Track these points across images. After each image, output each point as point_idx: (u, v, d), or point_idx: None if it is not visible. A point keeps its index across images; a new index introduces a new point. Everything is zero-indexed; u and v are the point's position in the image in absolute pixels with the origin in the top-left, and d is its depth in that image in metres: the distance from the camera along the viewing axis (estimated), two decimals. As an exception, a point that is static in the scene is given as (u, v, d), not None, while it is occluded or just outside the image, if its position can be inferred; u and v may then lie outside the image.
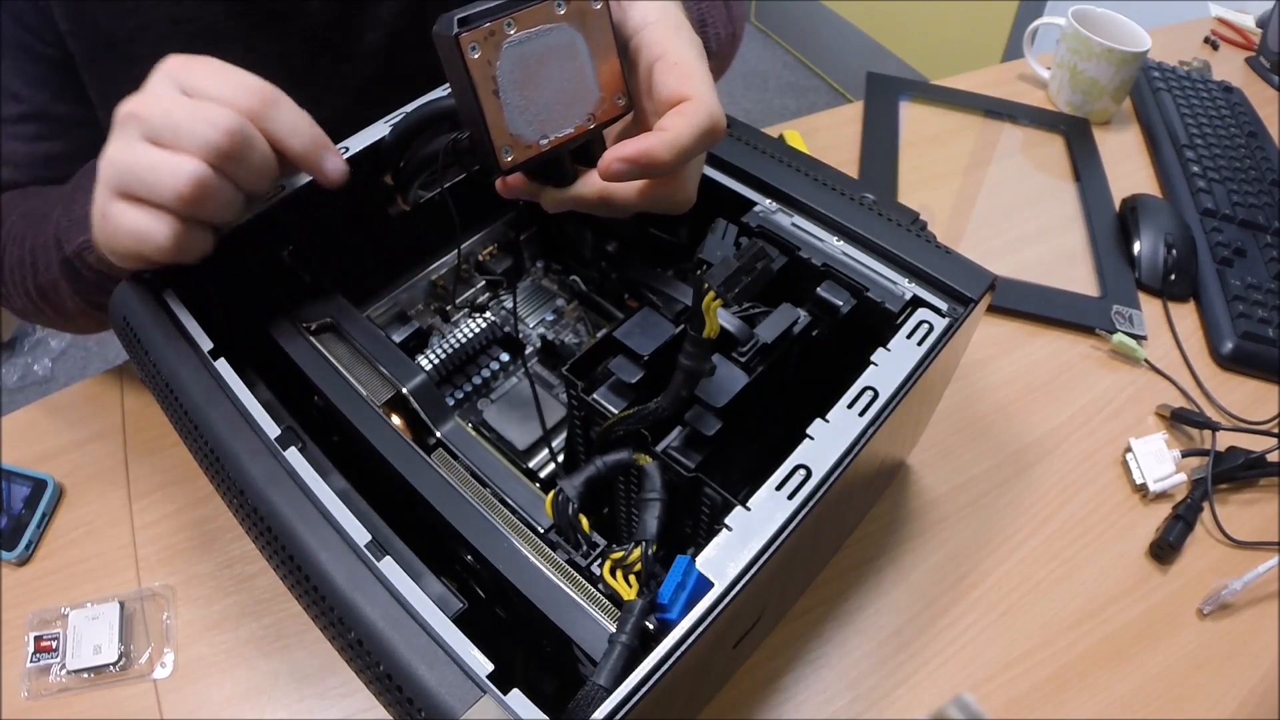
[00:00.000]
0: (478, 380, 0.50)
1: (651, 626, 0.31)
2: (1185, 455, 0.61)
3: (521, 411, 0.50)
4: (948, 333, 0.40)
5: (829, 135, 0.89)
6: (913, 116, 0.93)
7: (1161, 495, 0.60)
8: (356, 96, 0.62)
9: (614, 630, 0.30)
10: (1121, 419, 0.65)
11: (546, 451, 0.47)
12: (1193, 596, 0.55)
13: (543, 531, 0.36)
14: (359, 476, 0.37)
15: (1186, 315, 0.74)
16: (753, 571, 0.31)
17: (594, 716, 0.28)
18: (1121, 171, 0.89)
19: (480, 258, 0.56)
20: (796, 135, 0.87)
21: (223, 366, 0.39)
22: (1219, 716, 0.50)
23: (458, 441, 0.39)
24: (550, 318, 0.56)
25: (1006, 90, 0.98)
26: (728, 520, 0.33)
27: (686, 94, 0.35)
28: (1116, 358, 0.69)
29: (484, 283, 0.56)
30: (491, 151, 0.35)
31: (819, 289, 0.43)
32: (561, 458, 0.47)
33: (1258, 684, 0.51)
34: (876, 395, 0.37)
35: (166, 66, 0.36)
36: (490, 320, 0.51)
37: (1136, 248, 0.77)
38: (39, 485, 0.56)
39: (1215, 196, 0.83)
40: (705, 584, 0.31)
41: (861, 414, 0.36)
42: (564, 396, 0.50)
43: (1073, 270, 0.76)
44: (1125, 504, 0.60)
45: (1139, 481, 0.60)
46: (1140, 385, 0.67)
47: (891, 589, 0.54)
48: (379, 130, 0.47)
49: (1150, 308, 0.73)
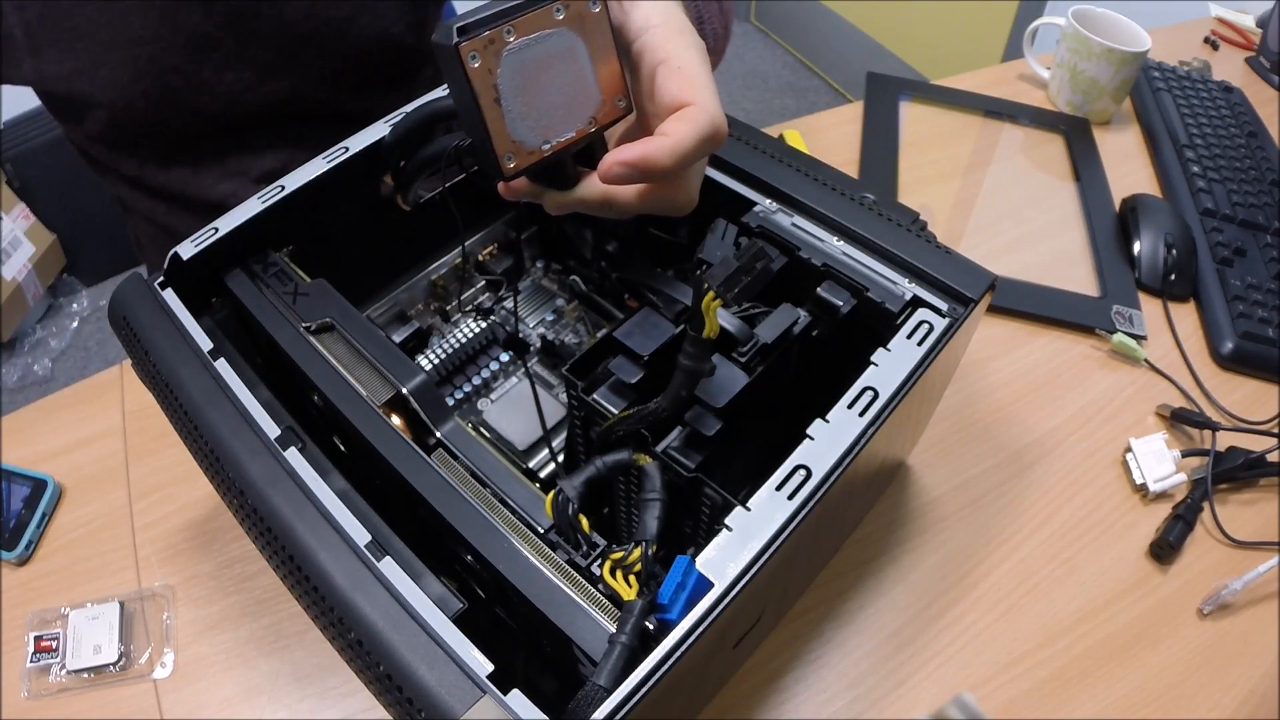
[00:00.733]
0: (478, 380, 0.50)
1: (651, 627, 0.31)
2: (1185, 455, 0.61)
3: (521, 411, 0.50)
4: (948, 333, 0.40)
5: (829, 135, 0.89)
6: (913, 116, 0.93)
7: (1161, 495, 0.60)
8: (283, 44, 0.62)
9: (614, 630, 0.30)
10: (1121, 419, 0.65)
11: (546, 451, 0.47)
12: (1193, 596, 0.55)
13: (543, 532, 0.36)
14: (359, 476, 0.37)
15: (1186, 315, 0.74)
16: (753, 572, 0.32)
17: (594, 716, 0.28)
18: (1121, 171, 0.89)
19: (480, 258, 0.56)
20: (796, 135, 0.87)
21: (223, 366, 0.39)
22: (1219, 716, 0.50)
23: (458, 441, 0.39)
24: (550, 318, 0.56)
25: (1006, 90, 0.98)
26: (728, 520, 0.33)
27: (689, 99, 0.35)
28: (1116, 358, 0.69)
29: (484, 283, 0.56)
30: (494, 158, 0.35)
31: (819, 289, 0.43)
32: (561, 458, 0.47)
33: (1258, 684, 0.51)
34: (876, 395, 0.37)
35: None
36: (490, 320, 0.51)
37: (1136, 248, 0.77)
38: (39, 485, 0.56)
39: (1215, 196, 0.83)
40: (705, 584, 0.31)
41: (861, 414, 0.36)
42: (564, 396, 0.50)
43: (1073, 270, 0.76)
44: (1125, 504, 0.60)
45: (1139, 481, 0.60)
46: (1140, 385, 0.67)
47: (891, 589, 0.54)
48: (379, 130, 0.47)
49: (1150, 308, 0.73)
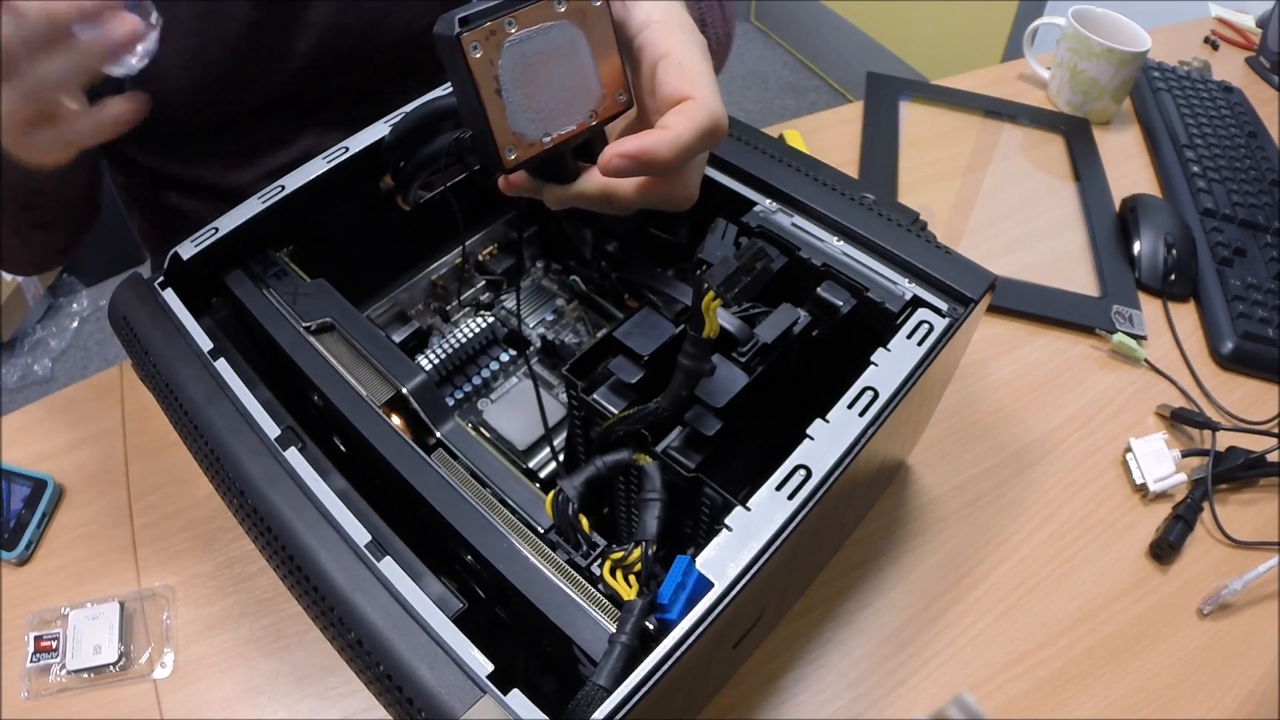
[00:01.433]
0: (478, 380, 0.50)
1: (651, 626, 0.31)
2: (1185, 455, 0.61)
3: (522, 411, 0.50)
4: (948, 333, 0.40)
5: (829, 135, 0.89)
6: (913, 116, 0.93)
7: (1161, 495, 0.60)
8: (325, 32, 0.61)
9: (614, 630, 0.30)
10: (1121, 419, 0.65)
11: (547, 451, 0.47)
12: (1193, 596, 0.55)
13: (543, 532, 0.36)
14: (359, 476, 0.37)
15: (1186, 315, 0.74)
16: (753, 572, 0.32)
17: (594, 716, 0.28)
18: (1121, 171, 0.89)
19: (480, 257, 0.56)
20: (796, 135, 0.87)
21: (223, 366, 0.39)
22: (1219, 716, 0.50)
23: (458, 441, 0.39)
24: (550, 318, 0.56)
25: (1006, 90, 0.98)
26: (728, 520, 0.33)
27: (689, 94, 0.35)
28: (1116, 358, 0.69)
29: (484, 282, 0.56)
30: (495, 150, 0.35)
31: (819, 289, 0.43)
32: (562, 458, 0.47)
33: (1258, 684, 0.51)
34: (876, 395, 0.37)
35: None
36: (490, 320, 0.51)
37: (1136, 248, 0.77)
38: (39, 485, 0.56)
39: (1215, 196, 0.83)
40: (705, 584, 0.31)
41: (861, 414, 0.36)
42: (564, 396, 0.50)
43: (1073, 270, 0.76)
44: (1125, 504, 0.60)
45: (1139, 481, 0.60)
46: (1140, 385, 0.67)
47: (891, 589, 0.54)
48: (379, 130, 0.47)
49: (1150, 308, 0.73)
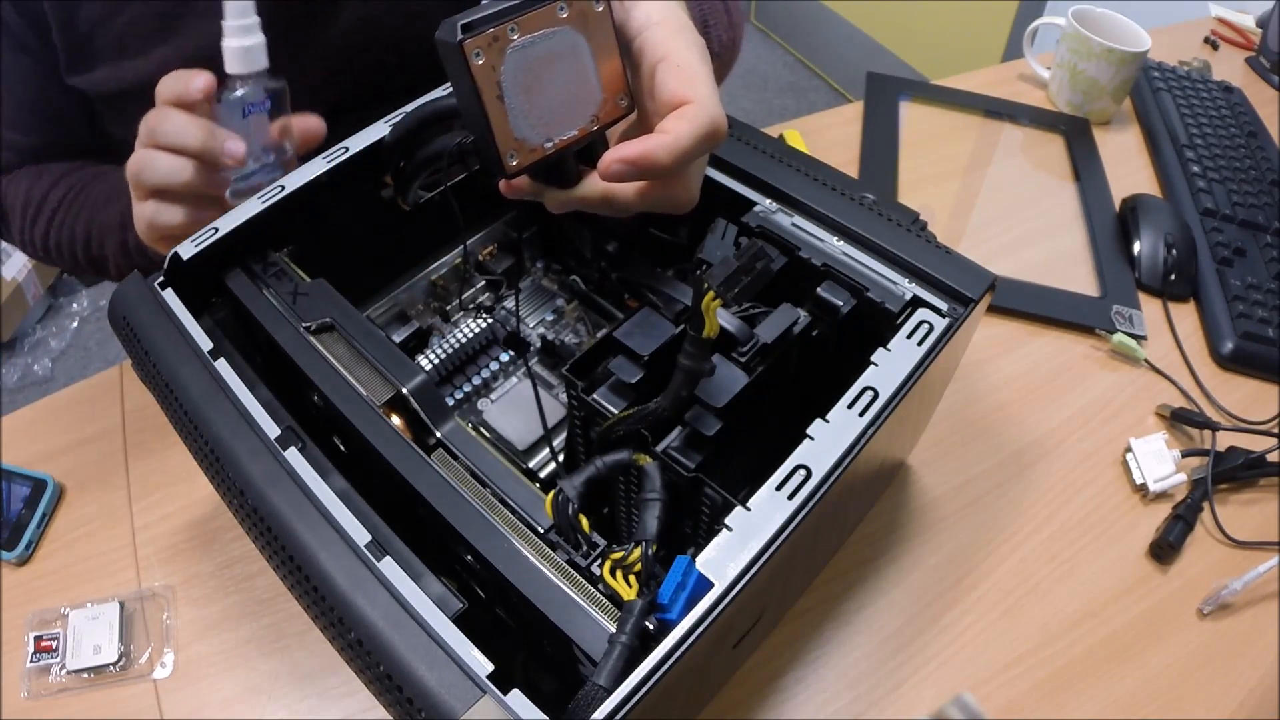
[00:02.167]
0: (478, 380, 0.50)
1: (651, 626, 0.31)
2: (1185, 455, 0.61)
3: (521, 411, 0.50)
4: (948, 333, 0.40)
5: (829, 135, 0.89)
6: (913, 116, 0.93)
7: (1161, 495, 0.60)
8: (336, 58, 0.63)
9: (614, 630, 0.30)
10: (1121, 419, 0.65)
11: (546, 451, 0.47)
12: (1193, 596, 0.55)
13: (543, 532, 0.35)
14: (359, 476, 0.37)
15: (1186, 315, 0.74)
16: (753, 572, 0.31)
17: (594, 716, 0.28)
18: (1121, 171, 0.89)
19: (480, 257, 0.56)
20: (796, 135, 0.87)
21: (223, 366, 0.39)
22: (1219, 716, 0.50)
23: (458, 441, 0.39)
24: (550, 318, 0.56)
25: (1006, 90, 0.98)
26: (728, 520, 0.33)
27: (688, 97, 0.35)
28: (1116, 358, 0.69)
29: (484, 282, 0.56)
30: (497, 156, 0.35)
31: (819, 289, 0.43)
32: (561, 458, 0.47)
33: (1258, 684, 0.51)
34: (876, 395, 0.37)
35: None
36: (490, 320, 0.51)
37: (1136, 248, 0.77)
38: (39, 485, 0.56)
39: (1215, 196, 0.83)
40: (705, 584, 0.31)
41: (861, 414, 0.36)
42: (564, 396, 0.50)
43: (1073, 270, 0.76)
44: (1125, 504, 0.60)
45: (1139, 481, 0.60)
46: (1140, 385, 0.67)
47: (891, 589, 0.54)
48: (379, 130, 0.47)
49: (1150, 308, 0.73)
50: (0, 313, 1.63)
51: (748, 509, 0.33)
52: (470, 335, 0.50)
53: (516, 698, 0.29)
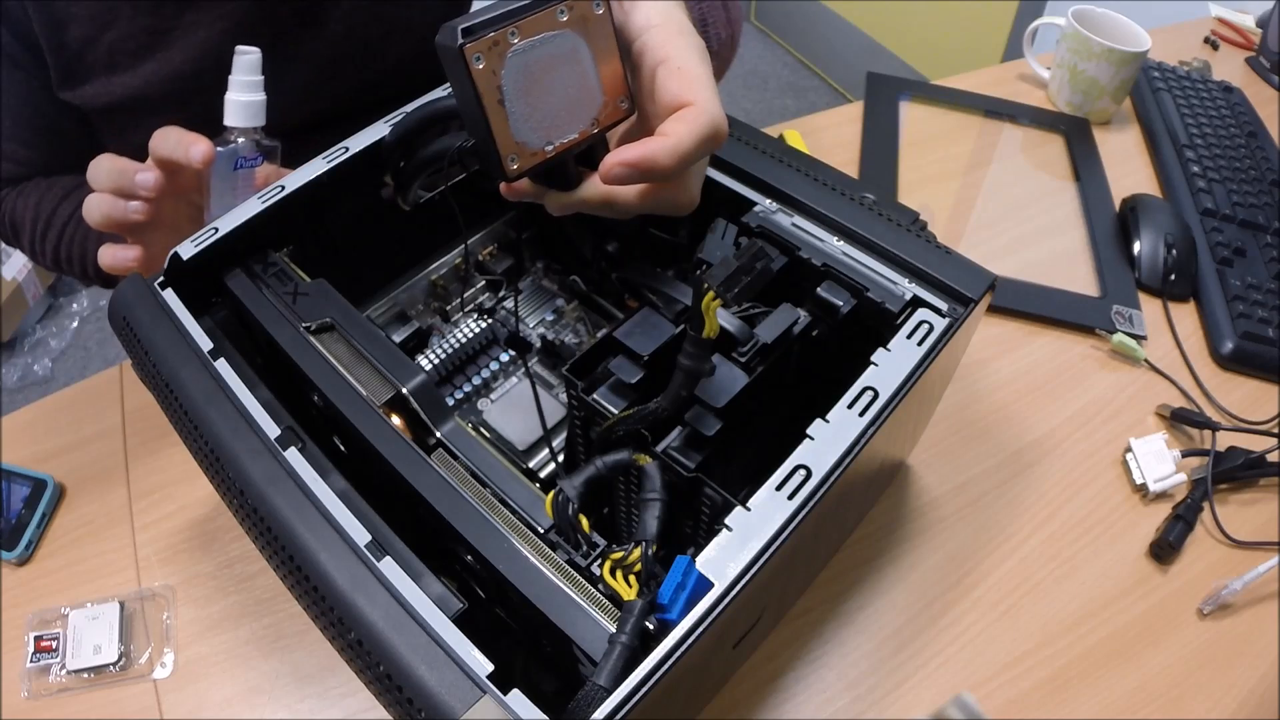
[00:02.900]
0: (478, 380, 0.50)
1: (651, 626, 0.31)
2: (1185, 455, 0.61)
3: (521, 411, 0.50)
4: (948, 333, 0.40)
5: (829, 135, 0.89)
6: (913, 116, 0.93)
7: (1161, 495, 0.60)
8: (322, 69, 0.64)
9: (614, 630, 0.30)
10: (1121, 419, 0.65)
11: (546, 451, 0.47)
12: (1193, 596, 0.55)
13: (543, 531, 0.35)
14: (359, 476, 0.37)
15: (1186, 315, 0.74)
16: (753, 572, 0.31)
17: (594, 716, 0.28)
18: (1121, 171, 0.89)
19: (480, 257, 0.56)
20: (796, 135, 0.87)
21: (223, 366, 0.39)
22: (1219, 716, 0.50)
23: (458, 441, 0.39)
24: (550, 318, 0.56)
25: (1006, 90, 0.98)
26: (728, 520, 0.33)
27: (688, 99, 0.35)
28: (1116, 358, 0.69)
29: (484, 282, 0.56)
30: (497, 160, 0.35)
31: (819, 289, 0.43)
32: (561, 458, 0.47)
33: (1258, 684, 0.51)
34: (876, 395, 0.37)
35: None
36: (490, 320, 0.51)
37: (1136, 248, 0.77)
38: (39, 485, 0.56)
39: (1215, 196, 0.83)
40: (705, 584, 0.31)
41: (861, 414, 0.36)
42: (564, 396, 0.50)
43: (1073, 270, 0.76)
44: (1125, 504, 0.60)
45: (1139, 481, 0.60)
46: (1140, 385, 0.67)
47: (891, 589, 0.54)
48: (379, 130, 0.47)
49: (1150, 308, 0.73)
50: (0, 313, 1.63)
51: (748, 509, 0.33)
52: (470, 335, 0.50)
53: (516, 698, 0.29)
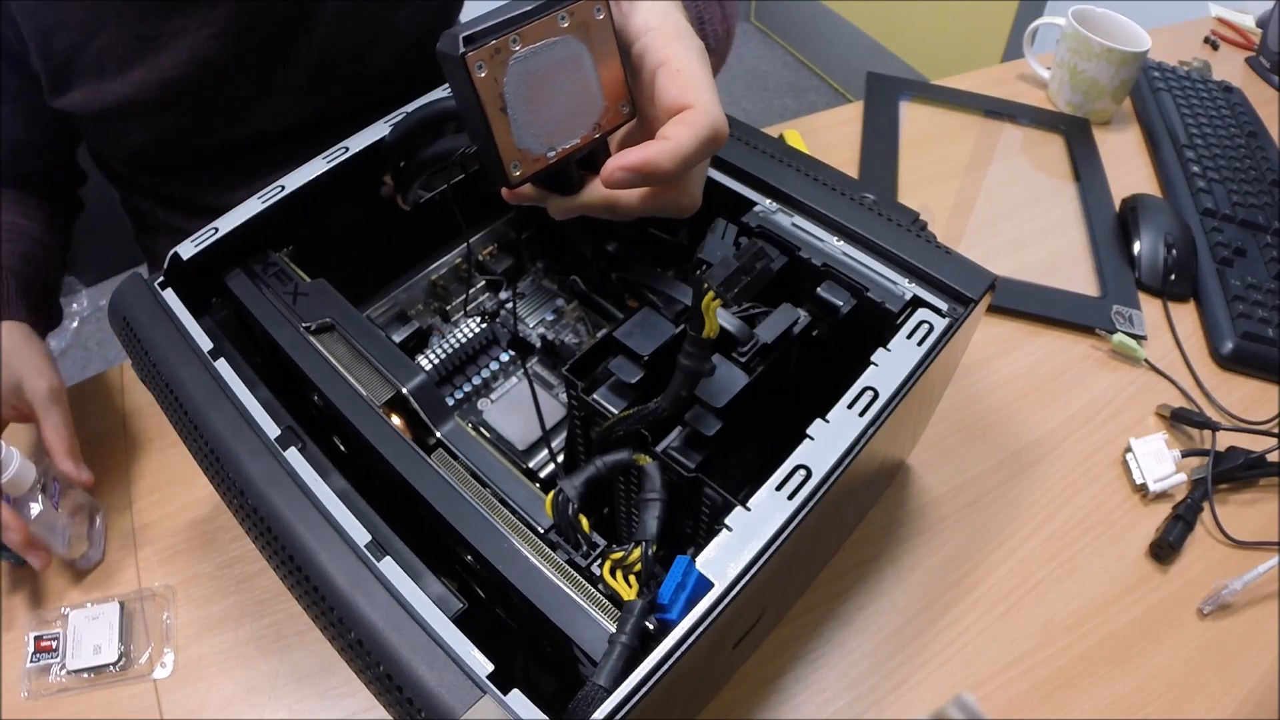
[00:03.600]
0: (478, 380, 0.50)
1: (651, 627, 0.31)
2: (1185, 455, 0.61)
3: (521, 411, 0.50)
4: (948, 333, 0.40)
5: (829, 135, 0.89)
6: (913, 116, 0.93)
7: (1161, 495, 0.60)
8: (311, 73, 0.64)
9: (614, 630, 0.30)
10: (1121, 419, 0.65)
11: (546, 451, 0.48)
12: (1193, 596, 0.55)
13: (543, 531, 0.36)
14: (359, 476, 0.37)
15: (1186, 315, 0.74)
16: (753, 572, 0.32)
17: (594, 716, 0.28)
18: (1121, 171, 0.89)
19: (480, 257, 0.56)
20: (796, 135, 0.87)
21: (223, 366, 0.39)
22: (1219, 716, 0.50)
23: (458, 441, 0.39)
24: (550, 318, 0.56)
25: (1006, 90, 0.98)
26: (728, 520, 0.33)
27: (689, 102, 0.35)
28: (1116, 358, 0.69)
29: (484, 282, 0.56)
30: (500, 166, 0.35)
31: (819, 289, 0.43)
32: (561, 458, 0.47)
33: (1258, 684, 0.51)
34: (876, 395, 0.37)
35: None
36: (490, 320, 0.51)
37: (1136, 248, 0.77)
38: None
39: (1215, 196, 0.83)
40: (705, 584, 0.31)
41: (861, 414, 0.36)
42: (564, 396, 0.50)
43: (1073, 270, 0.76)
44: (1125, 504, 0.60)
45: (1139, 481, 0.60)
46: (1140, 385, 0.67)
47: (891, 589, 0.54)
48: (379, 130, 0.47)
49: (1150, 308, 0.73)
50: (0, 313, 1.63)
51: (748, 509, 0.33)
52: (470, 335, 0.50)
53: (516, 698, 0.29)
